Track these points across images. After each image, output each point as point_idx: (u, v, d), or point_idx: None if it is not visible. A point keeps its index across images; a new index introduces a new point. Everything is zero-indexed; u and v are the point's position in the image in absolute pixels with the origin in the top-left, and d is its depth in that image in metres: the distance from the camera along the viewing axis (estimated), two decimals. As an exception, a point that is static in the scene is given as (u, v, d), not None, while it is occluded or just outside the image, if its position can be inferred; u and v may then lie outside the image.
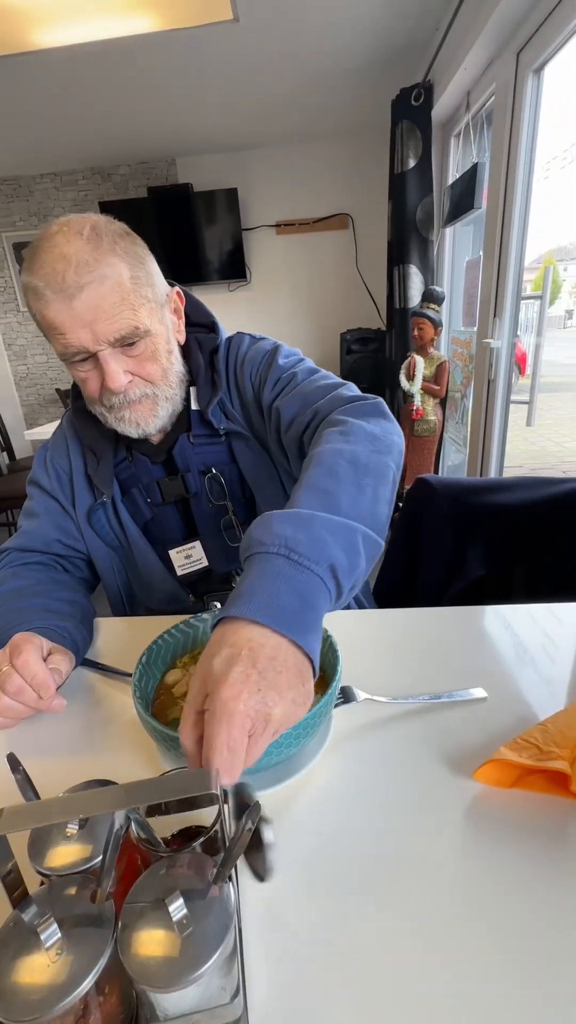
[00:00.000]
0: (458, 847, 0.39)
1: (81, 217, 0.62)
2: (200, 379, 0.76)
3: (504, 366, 1.95)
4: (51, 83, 2.32)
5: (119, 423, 0.69)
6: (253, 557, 0.42)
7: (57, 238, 0.59)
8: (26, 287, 0.61)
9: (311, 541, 0.41)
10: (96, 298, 0.59)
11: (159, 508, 0.78)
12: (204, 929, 0.28)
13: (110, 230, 0.62)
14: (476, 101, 2.03)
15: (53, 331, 0.61)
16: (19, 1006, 0.25)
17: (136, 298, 0.62)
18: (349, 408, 0.62)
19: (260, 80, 2.46)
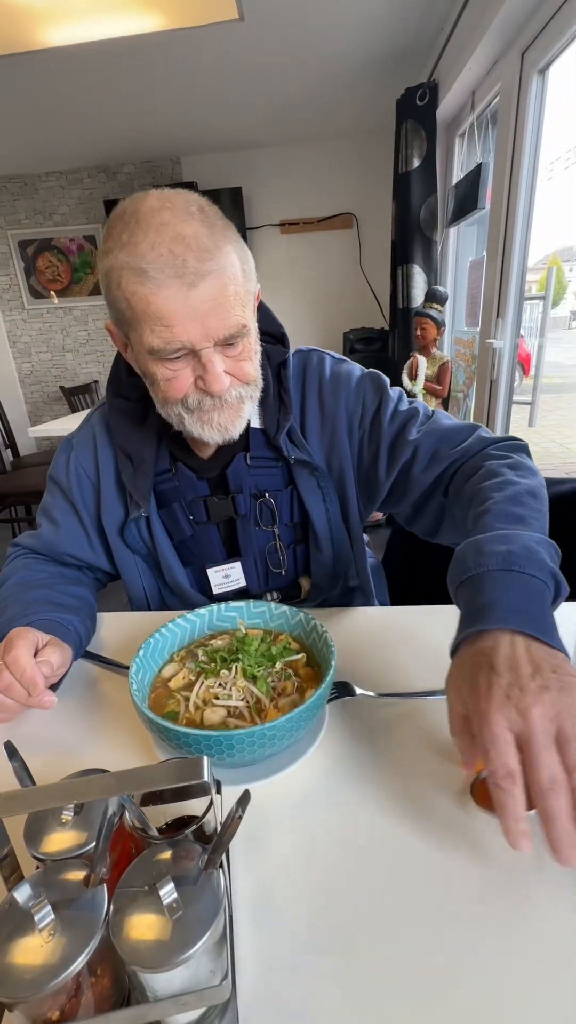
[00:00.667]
0: (448, 833, 0.40)
1: (179, 192, 0.54)
2: (268, 397, 0.69)
3: (506, 366, 1.95)
4: (57, 82, 2.33)
5: (203, 427, 0.61)
6: (476, 578, 0.44)
7: (165, 214, 0.52)
8: (121, 267, 0.52)
9: (526, 552, 0.43)
10: (215, 290, 0.52)
11: (201, 526, 0.73)
12: (194, 913, 0.28)
13: (214, 212, 0.55)
14: (481, 101, 2.03)
15: (154, 321, 0.53)
16: (12, 983, 0.26)
17: (244, 293, 0.57)
18: (503, 446, 0.63)
19: (265, 79, 2.47)
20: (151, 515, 0.71)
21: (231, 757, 0.42)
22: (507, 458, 0.59)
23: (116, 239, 0.53)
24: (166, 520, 0.73)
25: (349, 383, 0.72)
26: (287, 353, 0.71)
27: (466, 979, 0.31)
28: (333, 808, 0.43)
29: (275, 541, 0.74)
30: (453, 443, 0.65)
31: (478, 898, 0.36)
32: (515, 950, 0.33)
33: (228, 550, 0.76)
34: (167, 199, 0.53)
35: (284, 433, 0.68)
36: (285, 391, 0.70)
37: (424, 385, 2.42)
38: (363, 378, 0.73)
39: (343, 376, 0.72)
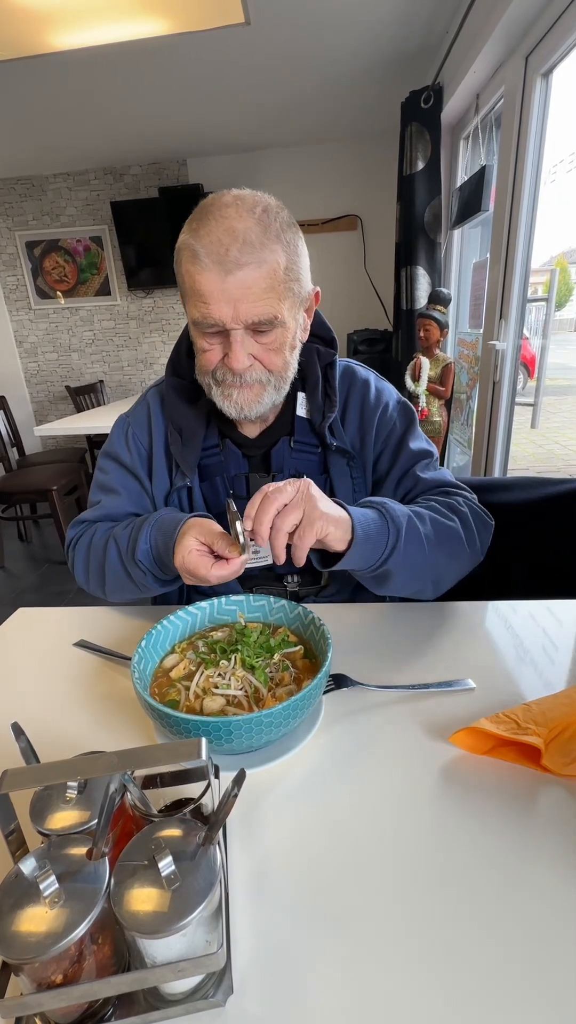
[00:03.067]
0: (433, 813, 0.41)
1: (255, 195, 0.63)
2: (317, 389, 0.77)
3: (509, 368, 1.96)
4: (65, 85, 2.36)
5: (224, 400, 0.69)
6: (364, 503, 0.65)
7: (230, 210, 0.60)
8: (184, 246, 0.62)
9: (401, 515, 0.64)
10: (249, 279, 0.60)
11: (239, 502, 0.77)
12: (191, 885, 0.30)
13: (280, 217, 0.62)
14: (485, 104, 2.04)
15: (196, 297, 0.61)
16: (18, 947, 0.27)
17: (284, 289, 0.63)
18: (474, 509, 0.74)
19: (270, 82, 2.49)
20: (194, 487, 0.77)
21: (229, 743, 0.44)
22: (459, 507, 0.73)
23: (189, 224, 0.62)
24: (207, 493, 0.79)
25: (388, 401, 0.81)
26: (334, 355, 0.80)
27: (458, 953, 0.33)
28: (328, 792, 0.45)
29: None
30: (436, 484, 0.77)
31: (470, 875, 0.37)
32: (510, 925, 0.34)
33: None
34: (240, 198, 0.62)
35: (328, 423, 0.76)
36: (331, 387, 0.78)
37: (427, 386, 2.43)
38: (399, 403, 0.82)
39: (384, 393, 0.81)
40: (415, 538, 0.64)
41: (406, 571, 0.65)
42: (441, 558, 0.67)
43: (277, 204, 0.64)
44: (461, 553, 0.70)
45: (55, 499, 2.53)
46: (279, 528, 0.55)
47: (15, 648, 0.70)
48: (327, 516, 0.56)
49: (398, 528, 0.62)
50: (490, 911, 0.35)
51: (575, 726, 0.47)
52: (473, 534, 0.72)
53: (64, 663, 0.66)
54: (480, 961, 0.32)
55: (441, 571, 0.69)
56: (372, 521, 0.61)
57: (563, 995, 0.30)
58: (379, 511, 0.63)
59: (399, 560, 0.62)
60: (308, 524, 0.55)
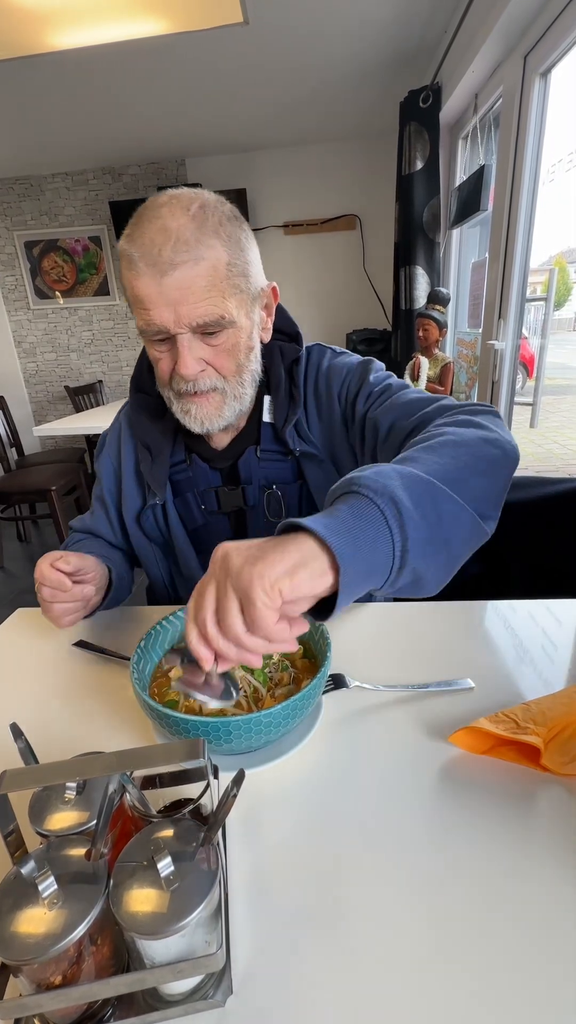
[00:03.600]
0: (433, 813, 0.41)
1: (192, 192, 0.60)
2: (279, 391, 0.73)
3: (508, 367, 1.96)
4: (64, 84, 2.35)
5: (184, 416, 0.67)
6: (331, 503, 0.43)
7: (163, 210, 0.57)
8: (121, 253, 0.59)
9: (374, 475, 0.41)
10: (187, 279, 0.56)
11: (212, 516, 0.77)
12: (190, 885, 0.30)
13: (218, 211, 0.59)
14: (484, 104, 2.04)
15: (138, 304, 0.59)
16: (17, 948, 0.27)
17: (228, 286, 0.59)
18: (463, 410, 0.58)
19: (269, 82, 2.49)
20: (167, 503, 0.76)
21: (228, 743, 0.44)
22: (456, 417, 0.56)
23: (128, 228, 0.59)
24: (180, 509, 0.77)
25: (342, 372, 0.73)
26: (300, 351, 0.74)
27: (458, 952, 0.33)
28: (328, 792, 0.45)
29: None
30: (411, 413, 0.62)
31: (470, 873, 0.37)
32: (510, 924, 0.34)
33: (238, 540, 0.78)
34: (175, 197, 0.58)
35: (291, 426, 0.71)
36: (296, 387, 0.73)
37: (426, 386, 2.43)
38: (355, 365, 0.73)
39: (338, 367, 0.74)
40: (419, 485, 0.41)
41: (443, 530, 0.41)
42: (473, 481, 0.46)
43: (217, 199, 0.61)
44: (488, 457, 0.49)
45: (54, 499, 2.53)
46: (228, 639, 0.37)
47: (14, 648, 0.70)
48: (271, 561, 0.36)
49: (385, 490, 0.39)
50: (490, 910, 0.35)
51: (574, 725, 0.47)
52: (487, 427, 0.53)
53: (63, 663, 0.66)
54: (480, 960, 0.32)
55: (483, 495, 0.46)
56: (345, 512, 0.38)
57: (564, 993, 0.30)
58: (349, 491, 0.41)
59: (420, 527, 0.39)
60: (247, 601, 0.35)
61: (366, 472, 0.41)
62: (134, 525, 0.78)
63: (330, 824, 0.42)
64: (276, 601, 0.35)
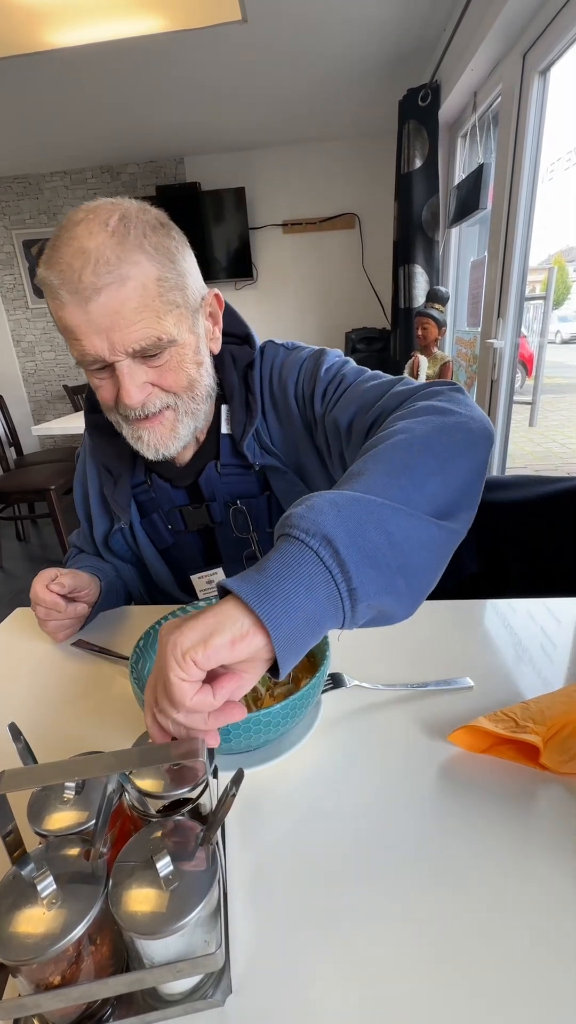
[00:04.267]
0: (432, 812, 0.41)
1: (111, 204, 0.54)
2: (234, 400, 0.68)
3: (507, 366, 1.96)
4: (62, 82, 2.35)
5: (136, 442, 0.62)
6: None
7: (79, 228, 0.52)
8: (42, 282, 0.54)
9: (306, 511, 0.35)
10: (115, 303, 0.51)
11: (180, 535, 0.75)
12: (189, 885, 0.30)
13: (141, 221, 0.54)
14: (483, 102, 2.04)
15: (68, 334, 0.55)
16: (16, 948, 0.27)
17: (161, 304, 0.54)
18: (418, 396, 0.52)
19: (268, 80, 2.48)
20: (134, 525, 0.74)
21: (227, 743, 0.44)
22: (411, 406, 0.50)
23: (45, 252, 0.54)
24: (148, 529, 0.75)
25: (294, 370, 0.67)
26: (253, 354, 0.69)
27: (458, 951, 0.33)
28: (327, 792, 0.45)
29: (253, 547, 0.74)
30: (367, 407, 0.57)
31: (469, 872, 0.37)
32: (509, 922, 0.34)
33: (209, 557, 0.77)
34: (92, 211, 0.53)
35: (250, 438, 0.67)
36: (252, 394, 0.68)
37: (425, 385, 2.43)
38: (306, 360, 0.67)
39: (288, 364, 0.68)
40: (357, 510, 0.36)
41: (397, 553, 0.36)
42: (430, 481, 0.40)
43: (139, 207, 0.55)
44: (447, 446, 0.43)
45: (53, 499, 2.53)
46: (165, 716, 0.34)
47: (13, 648, 0.70)
48: (184, 630, 0.33)
49: (316, 527, 0.34)
50: (489, 909, 0.35)
51: (573, 724, 0.47)
52: (446, 410, 0.47)
53: (62, 663, 0.66)
54: (480, 958, 0.32)
55: (445, 491, 0.41)
56: (274, 562, 0.34)
57: (564, 993, 0.30)
58: (282, 534, 0.36)
59: (364, 559, 0.34)
60: (162, 674, 0.33)
61: (297, 509, 0.36)
62: (103, 547, 0.78)
63: (329, 823, 0.42)
64: (191, 672, 0.32)
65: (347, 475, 0.42)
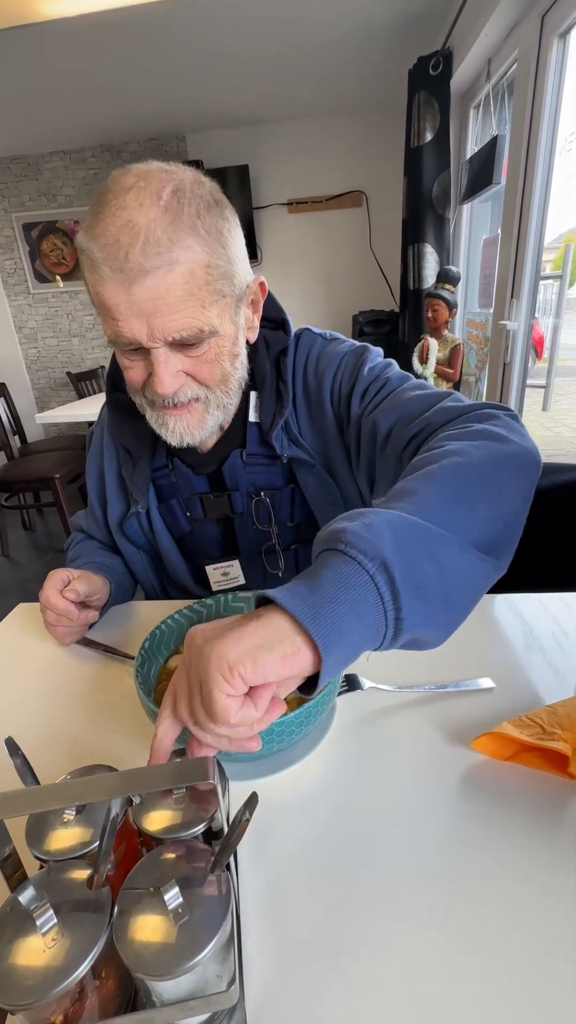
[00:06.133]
0: (455, 826, 0.39)
1: (163, 171, 0.49)
2: (265, 387, 0.66)
3: (520, 349, 1.90)
4: (59, 57, 2.27)
5: (160, 427, 0.60)
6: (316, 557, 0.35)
7: (128, 197, 0.47)
8: (81, 249, 0.50)
9: (363, 530, 0.33)
10: (161, 288, 0.48)
11: (198, 523, 0.72)
12: (200, 917, 0.27)
13: (196, 196, 0.50)
14: (497, 69, 1.95)
15: (105, 312, 0.51)
16: (15, 990, 0.25)
17: (207, 293, 0.51)
18: (470, 416, 0.50)
19: (271, 50, 2.38)
20: (151, 510, 0.71)
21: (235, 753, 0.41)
22: (465, 427, 0.47)
23: (89, 217, 0.50)
24: (165, 515, 0.72)
25: (332, 364, 0.65)
26: (287, 341, 0.67)
27: (486, 981, 0.31)
28: (343, 802, 0.42)
29: (273, 540, 0.72)
30: (412, 418, 0.54)
31: (495, 889, 0.35)
32: (541, 948, 0.32)
33: (226, 548, 0.74)
34: (143, 177, 0.49)
35: (279, 428, 0.65)
36: (283, 382, 0.66)
37: (435, 368, 2.37)
38: (347, 356, 0.65)
39: (328, 357, 0.66)
40: (414, 536, 0.34)
41: (444, 586, 0.34)
42: (481, 512, 0.39)
43: (194, 178, 0.51)
44: (500, 476, 0.41)
45: (58, 487, 2.51)
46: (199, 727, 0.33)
47: (15, 645, 0.68)
48: (230, 641, 0.31)
49: (375, 550, 0.32)
50: (519, 929, 0.33)
51: (604, 731, 0.45)
52: (500, 436, 0.45)
53: (66, 661, 0.64)
54: (510, 985, 0.30)
55: (493, 525, 0.39)
56: (328, 579, 0.32)
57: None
58: (334, 549, 0.33)
59: (416, 590, 0.32)
60: (204, 686, 0.31)
61: (353, 525, 0.33)
62: (118, 532, 0.74)
63: (346, 837, 0.40)
64: (238, 686, 0.30)
65: (398, 491, 0.39)
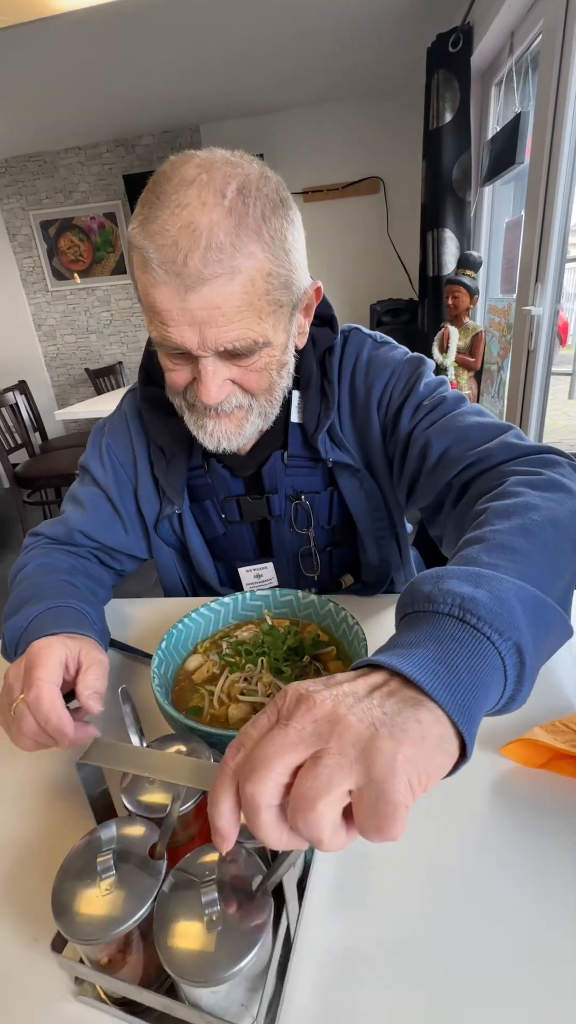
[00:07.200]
0: (485, 833, 0.37)
1: (227, 162, 0.46)
2: (310, 387, 0.63)
3: (545, 335, 1.84)
4: (71, 52, 2.26)
5: (198, 430, 0.57)
6: (415, 616, 0.31)
7: (191, 192, 0.44)
8: (133, 244, 0.47)
9: (496, 604, 0.29)
10: (218, 297, 0.45)
11: (233, 525, 0.70)
12: (232, 936, 0.26)
13: (262, 195, 0.46)
14: (520, 43, 1.87)
15: (154, 315, 0.48)
16: (75, 927, 0.27)
17: (266, 303, 0.48)
18: (535, 459, 0.48)
19: (285, 34, 2.33)
20: (184, 513, 0.68)
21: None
22: (537, 474, 0.45)
23: (140, 207, 0.47)
24: (198, 516, 0.70)
25: (384, 371, 0.62)
26: (335, 339, 0.64)
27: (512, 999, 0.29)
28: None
29: (310, 544, 0.70)
30: (470, 445, 0.53)
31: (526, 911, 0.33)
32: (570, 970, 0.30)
33: (260, 550, 0.73)
34: (207, 168, 0.45)
35: (324, 432, 0.62)
36: (329, 382, 0.63)
37: (456, 357, 2.31)
38: (401, 364, 0.63)
39: (380, 363, 0.63)
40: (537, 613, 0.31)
41: (548, 654, 0.33)
42: (571, 576, 0.39)
43: (260, 173, 0.47)
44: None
45: (78, 483, 2.53)
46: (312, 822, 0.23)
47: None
48: (414, 741, 0.24)
49: (512, 630, 0.29)
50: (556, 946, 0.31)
51: None
52: (571, 489, 0.44)
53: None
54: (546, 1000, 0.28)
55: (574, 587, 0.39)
56: (463, 662, 0.27)
57: None
58: (462, 620, 0.29)
59: (534, 670, 0.30)
60: (379, 789, 0.23)
61: (480, 594, 0.29)
62: (153, 532, 0.70)
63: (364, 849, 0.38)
64: (419, 795, 0.23)
65: (497, 544, 0.36)
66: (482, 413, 0.58)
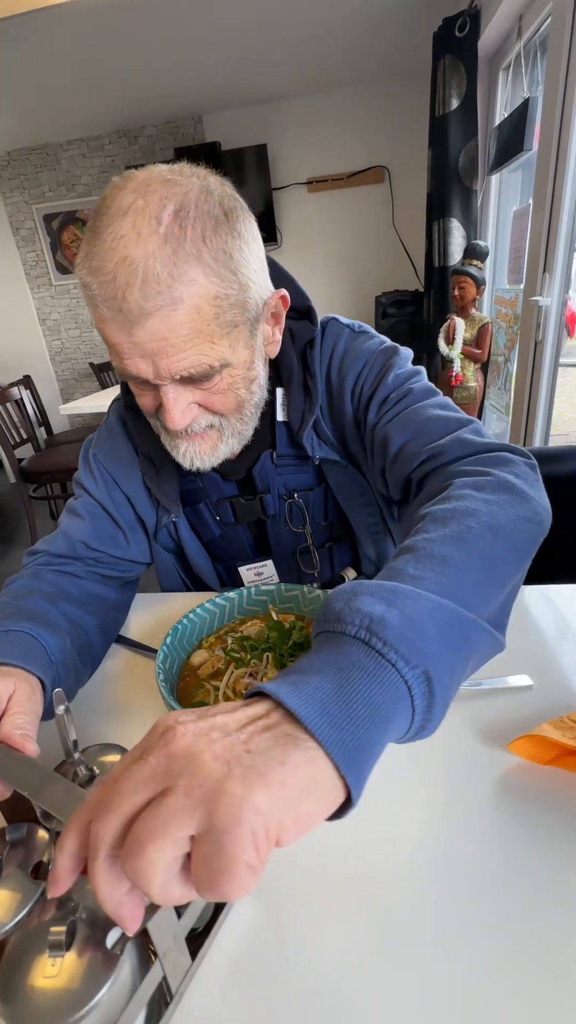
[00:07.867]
0: (492, 830, 0.37)
1: (164, 180, 0.44)
2: (292, 383, 0.63)
3: (553, 326, 1.81)
4: (73, 42, 2.24)
5: (173, 450, 0.58)
6: (324, 636, 0.29)
7: (124, 224, 0.42)
8: (80, 282, 0.47)
9: (406, 627, 0.28)
10: (164, 329, 0.45)
11: (229, 527, 0.70)
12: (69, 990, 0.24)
13: (201, 214, 0.44)
14: (529, 27, 1.83)
15: (109, 347, 0.49)
16: None
17: (217, 327, 0.47)
18: (487, 458, 0.48)
19: (289, 21, 2.30)
20: (179, 520, 0.68)
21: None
22: (486, 475, 0.44)
23: (84, 240, 0.46)
24: (193, 520, 0.70)
25: (357, 363, 0.61)
26: (314, 331, 0.63)
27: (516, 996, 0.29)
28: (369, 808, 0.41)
29: (307, 541, 0.70)
30: (427, 440, 0.52)
31: (534, 905, 0.33)
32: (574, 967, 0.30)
33: (258, 549, 0.73)
34: (143, 192, 0.43)
35: (309, 428, 0.62)
36: (311, 377, 0.62)
37: (462, 349, 2.29)
38: (374, 356, 0.62)
39: (354, 354, 0.62)
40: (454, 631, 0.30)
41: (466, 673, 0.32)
42: (505, 587, 0.37)
43: (201, 189, 0.45)
44: (523, 545, 0.40)
45: (83, 478, 2.54)
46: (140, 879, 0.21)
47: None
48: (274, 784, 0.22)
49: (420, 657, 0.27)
50: (563, 943, 0.31)
51: None
52: (520, 491, 0.43)
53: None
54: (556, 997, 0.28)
55: (510, 599, 0.38)
56: (359, 692, 0.25)
57: None
58: (367, 643, 0.27)
59: (447, 696, 0.29)
60: (216, 841, 0.21)
61: (391, 615, 0.28)
62: (153, 540, 0.71)
63: (371, 843, 0.38)
64: (265, 855, 0.21)
65: (426, 553, 0.35)
66: (447, 407, 0.56)
